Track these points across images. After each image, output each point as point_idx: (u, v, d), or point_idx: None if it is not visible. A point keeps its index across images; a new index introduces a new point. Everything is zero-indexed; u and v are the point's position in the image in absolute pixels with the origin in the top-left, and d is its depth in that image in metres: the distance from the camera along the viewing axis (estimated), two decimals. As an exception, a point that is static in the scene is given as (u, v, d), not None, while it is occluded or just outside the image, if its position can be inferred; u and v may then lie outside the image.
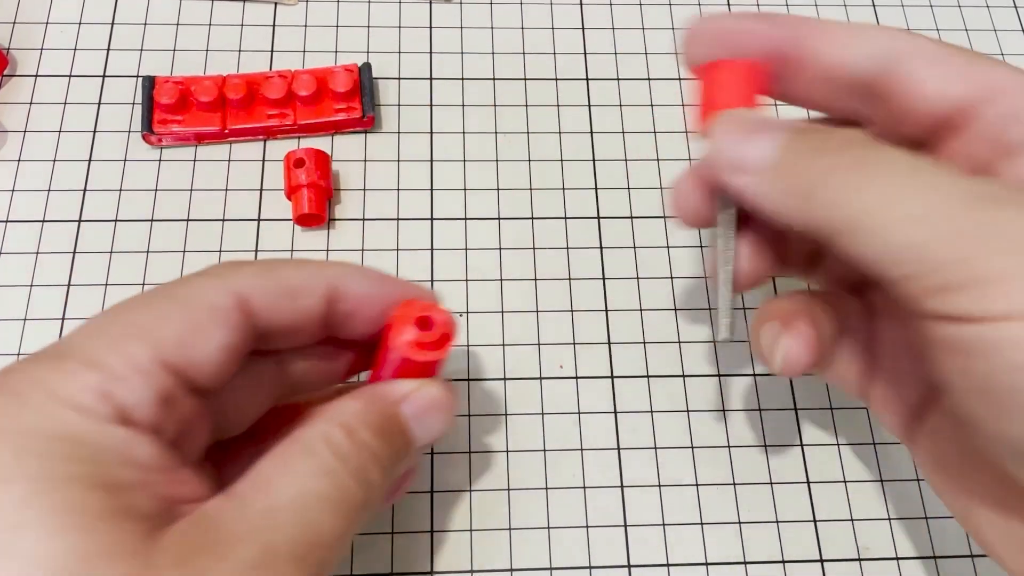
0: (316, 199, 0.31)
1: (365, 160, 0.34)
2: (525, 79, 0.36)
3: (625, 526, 0.28)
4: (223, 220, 0.32)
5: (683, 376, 0.31)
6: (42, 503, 0.16)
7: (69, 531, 0.16)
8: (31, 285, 0.31)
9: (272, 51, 0.36)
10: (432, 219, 0.33)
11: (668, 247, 0.33)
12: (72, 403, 0.18)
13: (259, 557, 0.18)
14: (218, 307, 0.20)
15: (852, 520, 0.29)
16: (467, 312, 0.31)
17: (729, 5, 0.38)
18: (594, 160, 0.34)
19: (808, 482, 0.29)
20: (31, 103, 0.34)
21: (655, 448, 0.30)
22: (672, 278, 0.32)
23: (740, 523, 0.29)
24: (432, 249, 0.32)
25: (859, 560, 0.28)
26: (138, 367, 0.19)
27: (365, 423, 0.21)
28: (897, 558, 0.28)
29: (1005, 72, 0.20)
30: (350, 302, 0.22)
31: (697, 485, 0.29)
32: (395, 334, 0.22)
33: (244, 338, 0.20)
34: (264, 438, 0.22)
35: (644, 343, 0.31)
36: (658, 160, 0.34)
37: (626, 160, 0.34)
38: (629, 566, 0.28)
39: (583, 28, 0.37)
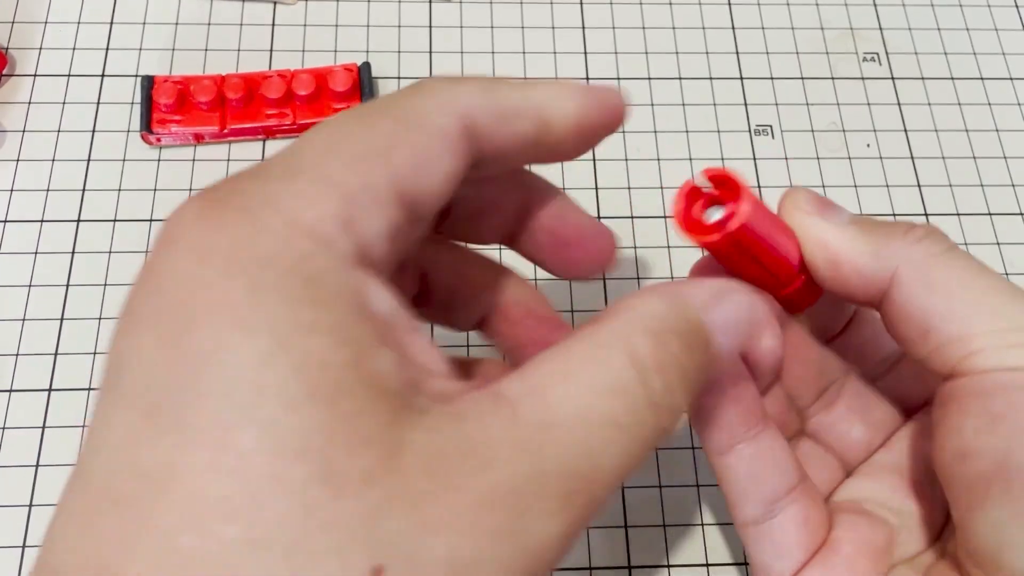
0: (316, 199, 0.31)
1: (365, 160, 0.34)
2: (525, 79, 0.36)
3: (625, 526, 0.28)
4: (222, 220, 0.32)
5: (683, 376, 0.31)
6: (285, 361, 0.14)
7: (313, 403, 0.14)
8: (30, 285, 0.31)
9: (271, 50, 0.36)
10: (432, 219, 0.33)
11: (668, 247, 0.33)
12: (314, 233, 0.15)
13: (523, 484, 0.14)
14: (447, 131, 0.17)
15: (852, 521, 0.29)
16: (467, 312, 0.31)
17: (730, 5, 0.38)
18: (594, 160, 0.34)
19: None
20: (30, 103, 0.34)
21: (655, 449, 0.29)
22: (672, 278, 0.32)
23: (740, 524, 0.29)
24: (432, 249, 0.32)
25: (859, 561, 0.28)
26: (377, 194, 0.16)
27: (675, 331, 0.17)
28: (898, 559, 0.28)
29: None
30: (555, 131, 0.19)
31: (697, 486, 0.29)
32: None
33: (467, 165, 0.18)
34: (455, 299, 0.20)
35: (644, 343, 0.31)
36: (658, 160, 0.34)
37: (626, 160, 0.34)
38: (629, 567, 0.28)
39: (583, 28, 0.37)
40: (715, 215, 0.20)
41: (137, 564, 0.13)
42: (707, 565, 0.28)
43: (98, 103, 0.34)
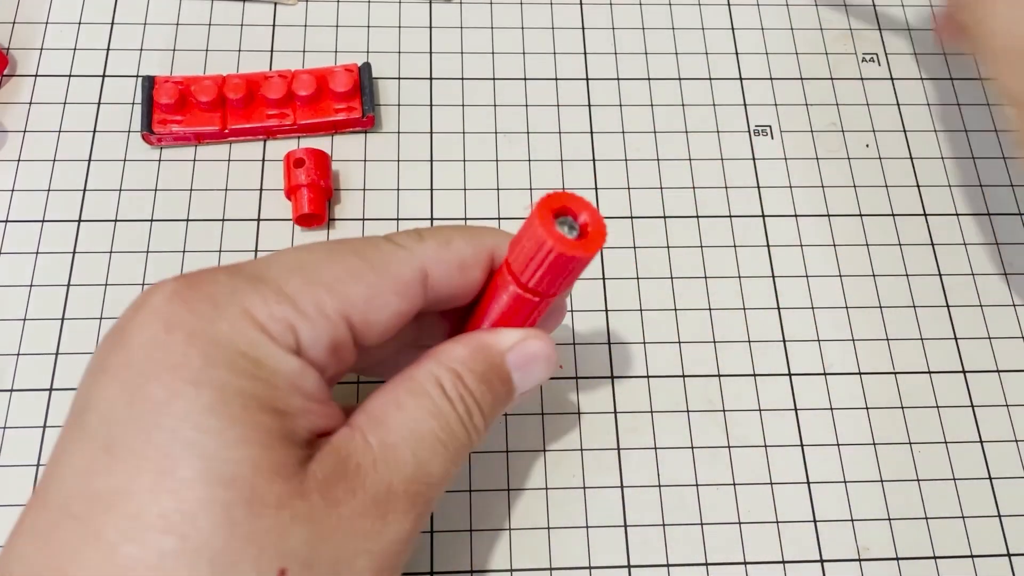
0: (316, 199, 0.31)
1: (365, 160, 0.34)
2: (525, 79, 0.36)
3: (625, 526, 0.28)
4: (223, 220, 0.32)
5: (683, 376, 0.31)
6: (225, 413, 0.17)
7: (246, 444, 0.17)
8: (31, 285, 0.31)
9: (272, 51, 0.36)
10: (432, 219, 0.33)
11: (668, 247, 0.33)
12: (262, 326, 0.19)
13: (383, 494, 0.19)
14: (403, 280, 0.21)
15: (852, 520, 0.29)
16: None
17: (729, 6, 0.38)
18: (594, 160, 0.34)
19: (808, 482, 0.29)
20: (31, 103, 0.34)
21: (655, 448, 0.29)
22: (672, 278, 0.32)
23: (740, 523, 0.29)
24: (432, 249, 0.32)
25: (859, 560, 0.28)
26: (324, 313, 0.20)
27: (471, 370, 0.22)
28: (897, 558, 0.28)
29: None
30: (440, 283, 0.23)
31: (697, 485, 0.29)
32: (540, 227, 0.20)
33: (416, 308, 0.22)
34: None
35: (644, 343, 0.31)
36: (658, 160, 0.34)
37: (626, 160, 0.34)
38: (629, 566, 0.28)
39: (583, 28, 0.37)
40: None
41: (84, 569, 0.16)
42: (707, 564, 0.28)
43: (99, 103, 0.34)
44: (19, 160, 0.33)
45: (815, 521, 0.29)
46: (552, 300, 0.22)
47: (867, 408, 0.30)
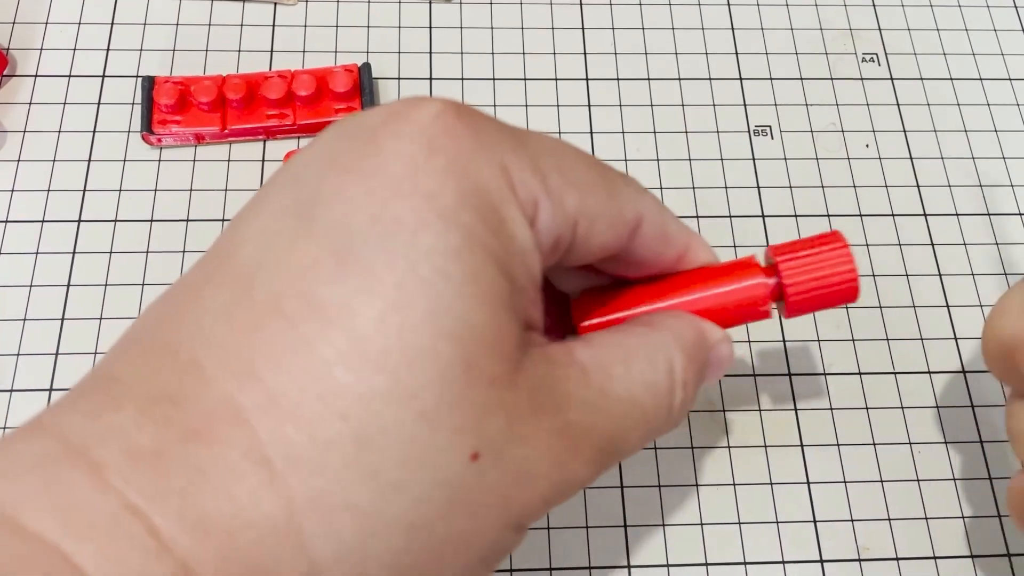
0: (316, 199, 0.31)
1: (365, 160, 0.34)
2: (525, 79, 0.36)
3: (625, 526, 0.28)
4: (223, 220, 0.32)
5: (683, 376, 0.31)
6: (468, 263, 0.16)
7: (479, 305, 0.16)
8: (31, 285, 0.31)
9: (272, 51, 0.36)
10: (432, 219, 0.33)
11: (668, 247, 0.33)
12: (513, 186, 0.17)
13: (580, 432, 0.18)
14: (624, 217, 0.20)
15: (852, 520, 0.29)
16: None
17: (729, 6, 0.38)
18: (594, 160, 0.34)
19: (808, 482, 0.29)
20: (31, 103, 0.34)
21: (655, 448, 0.29)
22: (672, 278, 0.32)
23: (740, 523, 0.29)
24: (432, 249, 0.32)
25: (859, 560, 0.28)
26: (563, 205, 0.18)
27: (696, 361, 0.20)
28: (897, 558, 0.28)
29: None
30: (644, 239, 0.21)
31: (697, 485, 0.29)
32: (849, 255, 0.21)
33: (618, 250, 0.20)
34: None
35: (644, 343, 0.31)
36: (658, 160, 0.34)
37: (626, 160, 0.34)
38: (629, 566, 0.28)
39: (583, 28, 0.37)
40: None
41: (286, 379, 0.15)
42: (706, 564, 0.28)
43: (99, 104, 0.34)
44: (19, 160, 0.33)
45: (815, 521, 0.29)
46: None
47: (867, 408, 0.30)
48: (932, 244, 0.34)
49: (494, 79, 0.36)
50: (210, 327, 0.16)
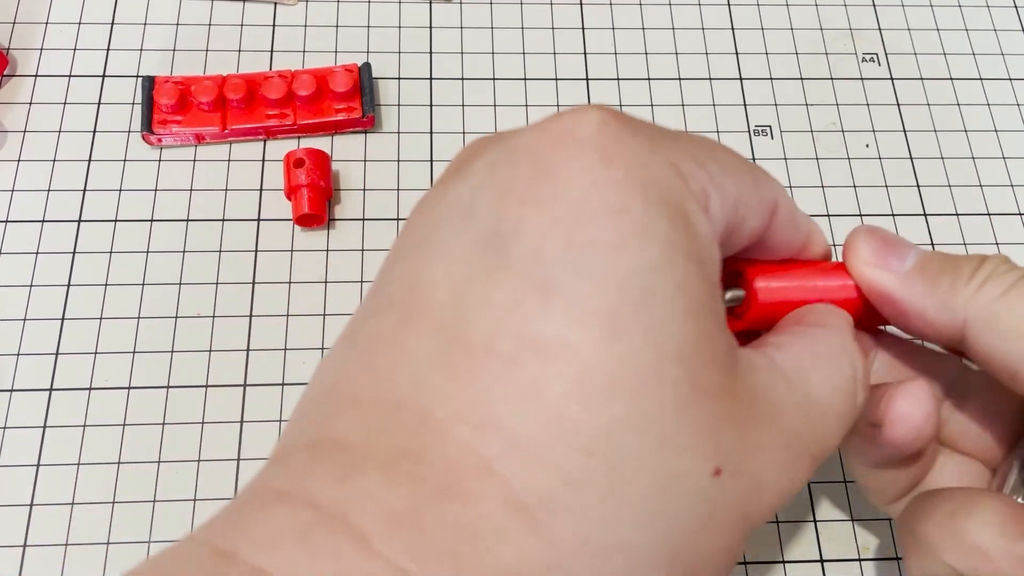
0: (316, 199, 0.31)
1: (365, 160, 0.34)
2: (525, 79, 0.36)
3: (625, 526, 0.28)
4: (223, 220, 0.32)
5: (683, 376, 0.31)
6: (670, 276, 0.15)
7: (690, 318, 0.15)
8: (31, 285, 0.31)
9: (272, 51, 0.36)
10: (432, 219, 0.33)
11: (668, 247, 0.33)
12: (685, 180, 0.17)
13: (793, 440, 0.17)
14: (769, 205, 0.20)
15: (852, 520, 0.29)
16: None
17: (729, 6, 0.38)
18: (594, 160, 0.34)
19: (808, 482, 0.29)
20: (31, 103, 0.34)
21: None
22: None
23: (740, 523, 0.29)
24: (432, 249, 0.32)
25: (859, 560, 0.28)
26: (725, 194, 0.18)
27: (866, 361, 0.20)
28: (897, 558, 0.28)
29: None
30: (779, 224, 0.21)
31: (697, 485, 0.29)
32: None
33: (759, 237, 0.20)
34: None
35: (644, 343, 0.31)
36: (658, 160, 0.34)
37: (626, 160, 0.34)
38: (629, 566, 0.28)
39: (583, 28, 0.37)
40: (728, 294, 0.21)
41: (523, 422, 0.14)
42: (707, 564, 0.28)
43: (99, 104, 0.34)
44: (19, 160, 0.33)
45: (815, 521, 0.29)
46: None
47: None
48: (932, 244, 0.34)
49: (494, 79, 0.36)
50: (427, 376, 0.15)
